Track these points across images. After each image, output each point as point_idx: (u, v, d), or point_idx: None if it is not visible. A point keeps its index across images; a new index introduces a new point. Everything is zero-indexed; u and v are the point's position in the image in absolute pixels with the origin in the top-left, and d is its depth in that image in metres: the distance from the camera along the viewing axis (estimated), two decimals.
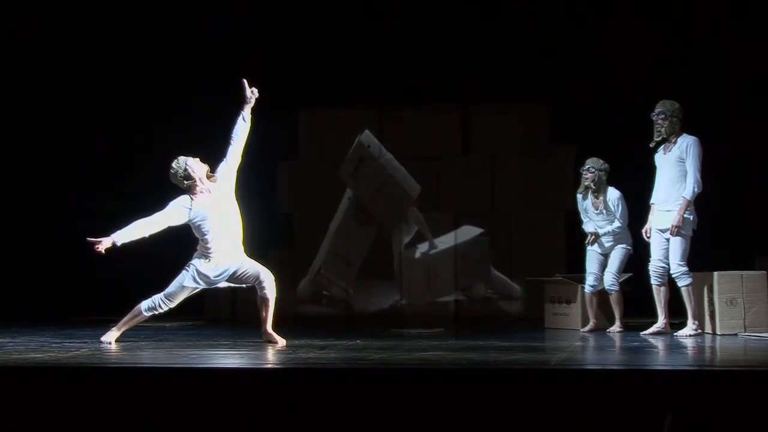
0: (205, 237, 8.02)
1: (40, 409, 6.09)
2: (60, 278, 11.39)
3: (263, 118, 8.21)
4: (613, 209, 9.19)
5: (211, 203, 8.01)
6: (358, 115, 11.45)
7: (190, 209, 7.97)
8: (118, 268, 10.74)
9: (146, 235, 7.91)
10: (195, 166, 8.01)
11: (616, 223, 9.19)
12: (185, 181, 8.01)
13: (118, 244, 7.79)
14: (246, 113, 8.11)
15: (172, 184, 8.13)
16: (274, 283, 8.11)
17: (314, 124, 11.54)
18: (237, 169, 8.13)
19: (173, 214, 7.98)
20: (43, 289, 11.29)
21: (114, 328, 8.22)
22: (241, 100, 8.10)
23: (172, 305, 8.16)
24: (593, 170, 9.24)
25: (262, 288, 8.07)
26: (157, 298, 8.11)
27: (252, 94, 8.09)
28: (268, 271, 8.14)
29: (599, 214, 9.25)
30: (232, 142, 8.11)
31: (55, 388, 6.21)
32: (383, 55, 11.09)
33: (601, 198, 9.23)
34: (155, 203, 8.10)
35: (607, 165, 9.27)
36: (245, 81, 8.10)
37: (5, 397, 6.18)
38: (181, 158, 8.05)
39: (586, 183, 9.29)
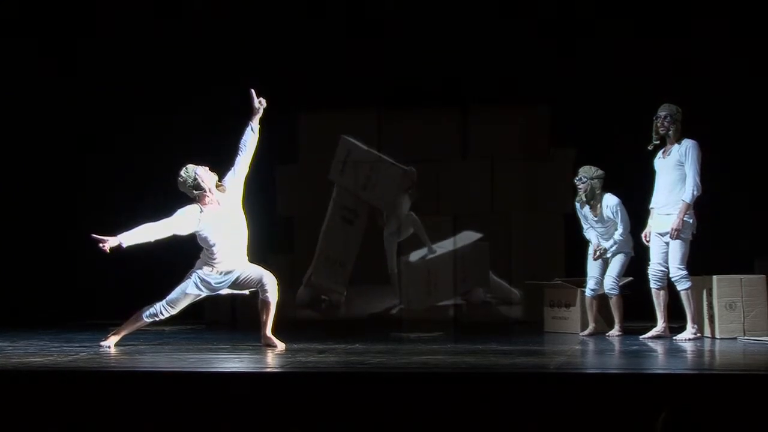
0: (212, 248, 7.99)
1: (40, 413, 6.09)
2: (59, 282, 11.38)
3: (263, 122, 8.20)
4: (612, 216, 9.12)
5: (220, 215, 7.96)
6: (357, 119, 11.45)
7: (199, 220, 7.92)
8: (118, 272, 10.82)
9: (151, 240, 7.87)
10: (205, 176, 7.93)
11: (619, 230, 9.10)
12: (194, 191, 7.93)
13: (124, 245, 7.74)
14: (254, 124, 8.07)
15: (173, 190, 8.10)
16: (276, 286, 8.08)
17: (314, 128, 11.54)
18: (245, 179, 8.10)
19: (181, 223, 7.91)
20: (43, 293, 11.29)
21: (114, 333, 8.22)
22: (249, 111, 8.09)
23: (174, 312, 8.13)
24: (585, 180, 9.14)
25: (264, 291, 8.04)
26: (158, 305, 8.08)
27: (260, 104, 8.06)
28: (270, 274, 8.12)
29: (598, 222, 9.21)
30: (240, 152, 8.07)
31: (54, 392, 6.22)
32: (382, 59, 11.09)
33: (598, 206, 9.16)
34: (158, 207, 8.08)
35: (600, 172, 9.16)
36: (253, 91, 8.08)
37: (4, 400, 6.18)
38: (190, 167, 7.95)
39: (579, 194, 9.23)
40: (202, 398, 6.09)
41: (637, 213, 8.88)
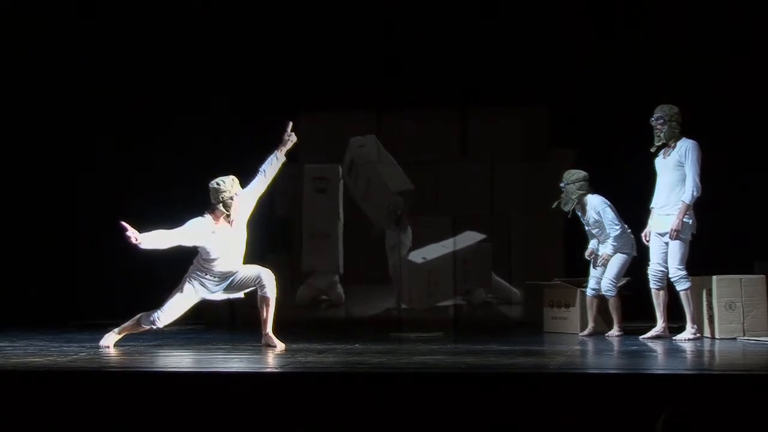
0: (211, 262, 7.99)
1: (39, 413, 6.09)
2: (59, 282, 11.38)
3: (262, 123, 8.21)
4: (598, 217, 9.11)
5: (228, 233, 7.97)
6: (357, 120, 11.46)
7: (209, 239, 7.90)
8: (117, 272, 10.82)
9: (163, 248, 7.86)
10: (236, 203, 7.91)
11: (610, 233, 9.09)
12: (218, 206, 7.92)
13: (142, 246, 7.72)
14: (280, 153, 8.12)
15: (173, 191, 8.09)
16: (274, 281, 8.07)
17: (314, 129, 11.53)
18: (257, 199, 8.12)
19: (194, 236, 7.87)
20: (42, 293, 11.29)
21: (113, 332, 8.19)
22: (278, 141, 8.12)
23: (172, 319, 8.09)
24: (562, 184, 9.16)
25: (263, 287, 8.03)
26: (156, 312, 8.05)
27: (289, 137, 8.11)
28: (268, 270, 8.12)
29: (589, 224, 9.21)
30: (260, 174, 8.10)
31: (53, 393, 6.22)
32: (383, 60, 11.09)
33: (584, 210, 9.16)
34: (152, 212, 8.07)
35: (578, 175, 9.13)
36: (291, 124, 8.13)
37: (5, 400, 6.18)
38: (232, 184, 7.91)
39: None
40: (202, 398, 6.09)
41: (637, 213, 8.87)
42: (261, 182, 8.11)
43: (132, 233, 7.61)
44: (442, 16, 11.12)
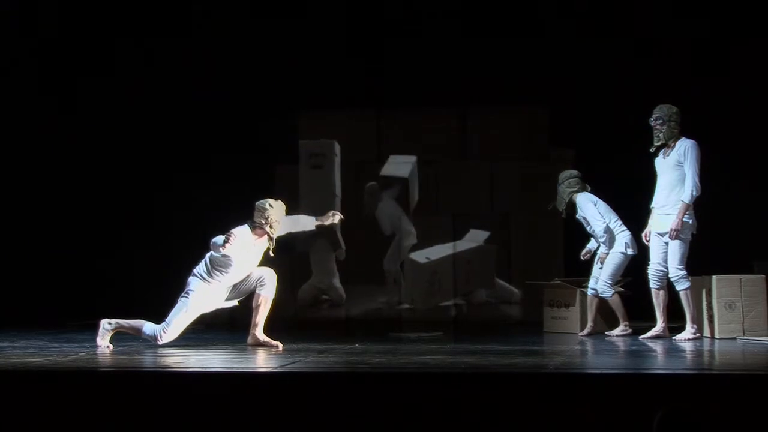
0: (224, 273, 7.97)
1: (40, 413, 6.10)
2: (58, 282, 11.37)
3: (263, 122, 8.21)
4: (584, 214, 9.12)
5: (255, 254, 7.99)
6: (357, 119, 11.47)
7: (242, 252, 7.89)
8: (117, 272, 10.82)
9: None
10: (279, 229, 7.97)
11: (594, 228, 9.07)
12: (264, 226, 7.91)
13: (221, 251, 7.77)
14: (315, 222, 8.27)
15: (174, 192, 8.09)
16: (275, 281, 8.06)
17: (313, 128, 11.55)
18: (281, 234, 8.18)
19: (236, 246, 7.82)
20: (42, 293, 11.28)
21: (107, 328, 8.10)
22: (320, 216, 8.28)
23: (176, 335, 8.05)
24: (558, 185, 9.22)
25: (263, 285, 8.01)
26: (158, 328, 8.04)
27: (332, 215, 8.21)
28: (270, 269, 8.10)
29: (583, 224, 9.23)
30: (292, 217, 8.18)
31: (54, 392, 6.22)
32: (382, 60, 11.10)
33: (575, 209, 9.20)
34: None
35: (567, 173, 9.20)
36: (341, 218, 8.27)
37: (5, 400, 6.18)
38: (279, 209, 7.94)
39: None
40: (202, 398, 6.09)
41: (637, 213, 8.88)
42: (290, 225, 8.18)
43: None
44: (442, 15, 11.13)
